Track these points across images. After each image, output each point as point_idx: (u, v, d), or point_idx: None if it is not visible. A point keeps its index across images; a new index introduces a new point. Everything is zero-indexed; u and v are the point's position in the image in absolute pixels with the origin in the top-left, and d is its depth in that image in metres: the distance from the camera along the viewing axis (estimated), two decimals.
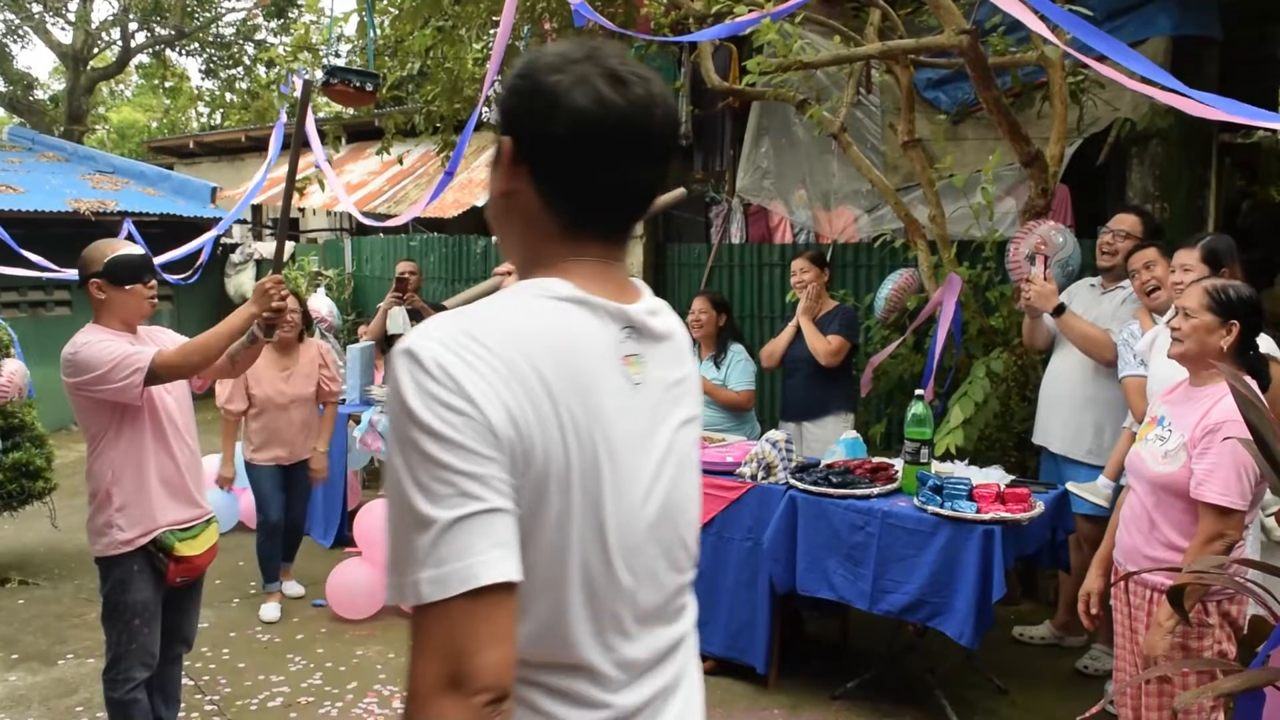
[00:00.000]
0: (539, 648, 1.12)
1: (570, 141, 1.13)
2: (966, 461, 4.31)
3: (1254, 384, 2.57)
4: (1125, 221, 4.31)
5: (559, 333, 1.10)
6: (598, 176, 1.15)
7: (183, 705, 3.69)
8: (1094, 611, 3.01)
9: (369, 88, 2.77)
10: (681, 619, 1.30)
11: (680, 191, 4.19)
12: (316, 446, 5.28)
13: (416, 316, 6.55)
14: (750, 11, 4.19)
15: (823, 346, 4.85)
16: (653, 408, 1.20)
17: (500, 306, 1.11)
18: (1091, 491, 4.00)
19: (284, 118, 6.91)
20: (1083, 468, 4.24)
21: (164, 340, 3.30)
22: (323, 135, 6.12)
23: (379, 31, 7.91)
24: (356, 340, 7.18)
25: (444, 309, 1.85)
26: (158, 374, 3.02)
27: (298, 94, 5.89)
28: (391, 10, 6.80)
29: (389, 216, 6.38)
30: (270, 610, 5.12)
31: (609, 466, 1.12)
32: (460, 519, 0.99)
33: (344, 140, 8.83)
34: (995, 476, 3.97)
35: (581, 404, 1.09)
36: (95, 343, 3.04)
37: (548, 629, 1.12)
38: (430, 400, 1.01)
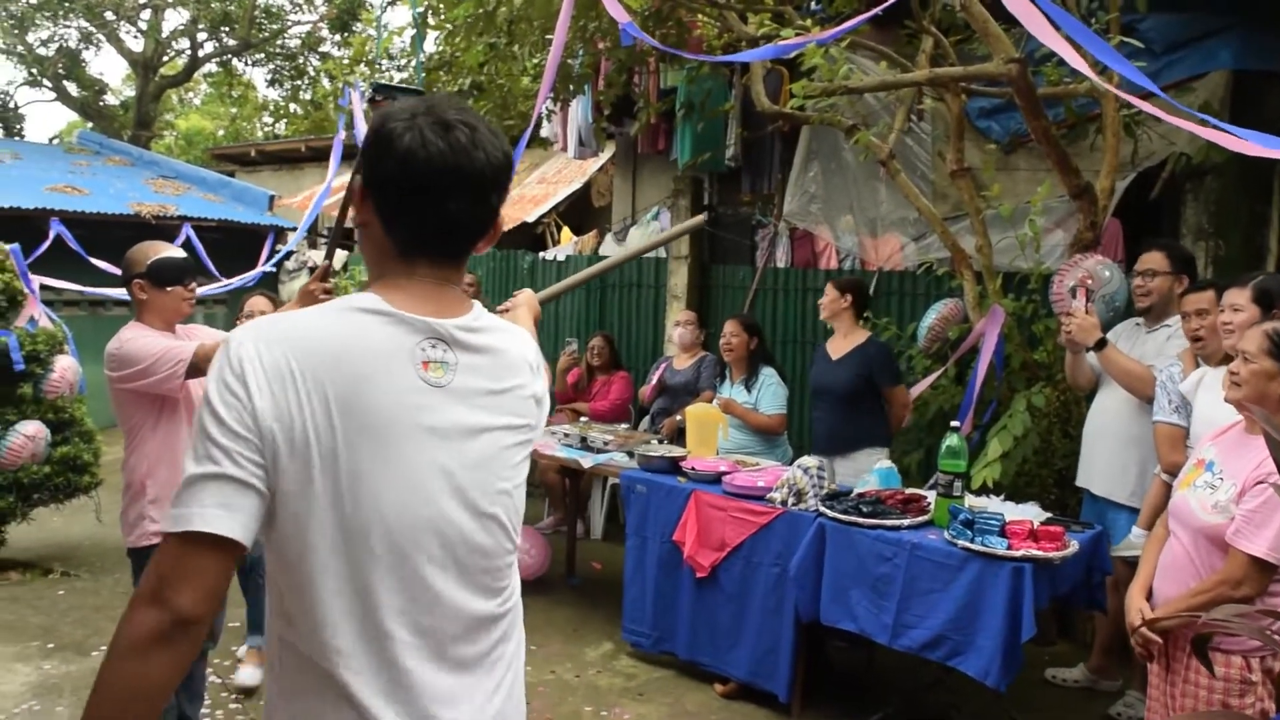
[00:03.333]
0: (328, 610, 1.31)
1: (398, 178, 1.34)
2: (1003, 497, 4.22)
3: None
4: (1151, 260, 4.21)
5: (342, 339, 1.31)
6: (422, 208, 1.36)
7: (207, 700, 3.73)
8: (1154, 647, 2.79)
9: None
10: (486, 603, 1.44)
11: (700, 219, 4.19)
12: None
13: None
14: (798, 35, 4.18)
15: (900, 401, 4.92)
16: (457, 408, 1.38)
17: (306, 315, 1.34)
18: (1129, 547, 3.90)
19: (343, 130, 7.02)
20: (1124, 510, 4.12)
21: (202, 336, 3.39)
22: (351, 150, 6.19)
23: (436, 47, 8.02)
24: None
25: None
26: (200, 367, 3.09)
27: (354, 107, 6.00)
28: (447, 26, 6.88)
29: None
30: (248, 675, 4.35)
31: (376, 451, 1.31)
32: (202, 476, 1.25)
33: None
34: (1030, 513, 3.88)
35: (352, 400, 1.29)
36: (140, 337, 3.15)
37: (339, 591, 1.31)
38: (221, 383, 1.27)
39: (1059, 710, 4.31)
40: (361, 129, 5.82)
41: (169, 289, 3.25)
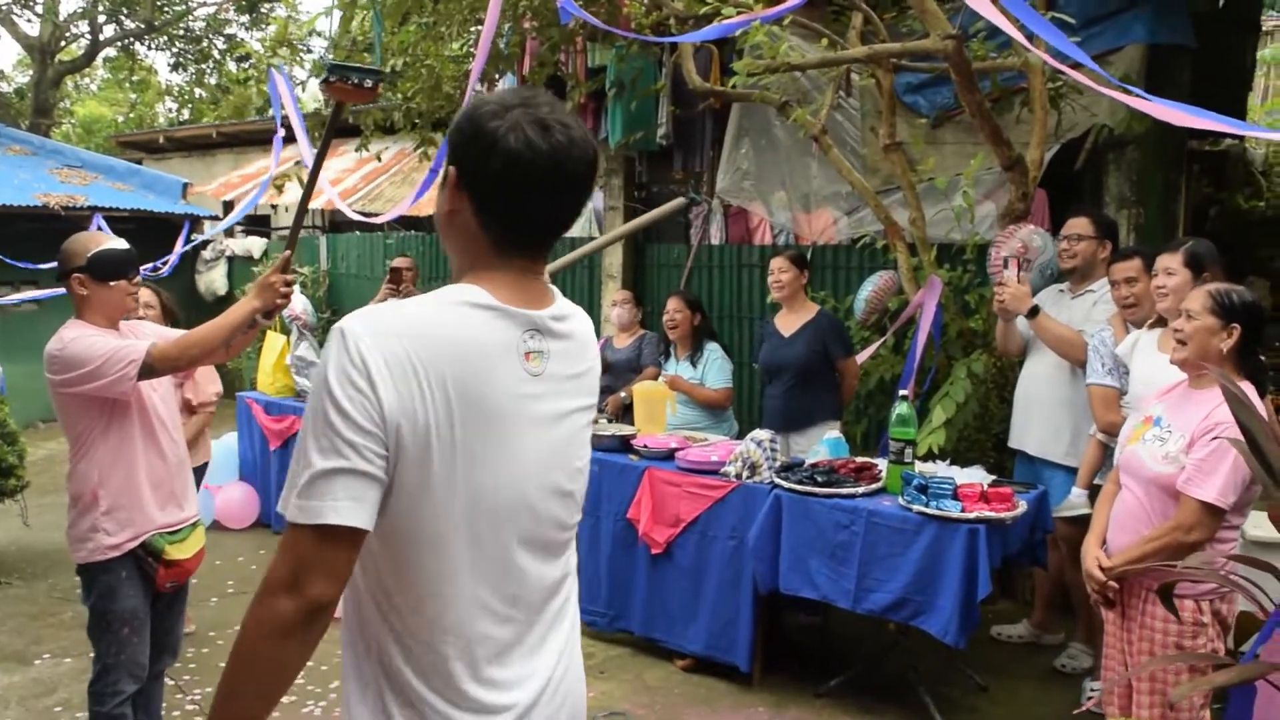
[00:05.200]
0: (428, 589, 1.38)
1: (502, 177, 1.39)
2: (948, 462, 4.36)
3: (1252, 388, 2.62)
4: (1077, 225, 4.38)
5: (458, 333, 1.36)
6: (523, 206, 1.41)
7: (164, 704, 3.65)
8: (1111, 593, 2.91)
9: (368, 83, 2.73)
10: (554, 568, 1.54)
11: (680, 201, 4.21)
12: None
13: None
14: (739, 14, 4.22)
15: (851, 372, 4.97)
16: (551, 395, 1.46)
17: (422, 308, 1.38)
18: (1070, 507, 4.06)
19: (280, 116, 6.85)
20: (1059, 470, 4.29)
21: (148, 333, 3.18)
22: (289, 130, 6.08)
23: (357, 28, 7.88)
24: None
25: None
26: (154, 367, 2.91)
27: (283, 92, 5.86)
28: (370, 7, 6.76)
29: (375, 214, 6.35)
30: None
31: (489, 439, 1.38)
32: (333, 470, 1.29)
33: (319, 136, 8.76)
34: (978, 476, 4.01)
35: (470, 392, 1.35)
36: (84, 338, 2.92)
37: (437, 572, 1.38)
38: (342, 376, 1.30)
39: (1008, 665, 4.47)
40: (293, 113, 5.70)
41: (112, 283, 3.02)
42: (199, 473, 4.90)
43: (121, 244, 3.12)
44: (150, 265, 8.49)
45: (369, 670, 1.42)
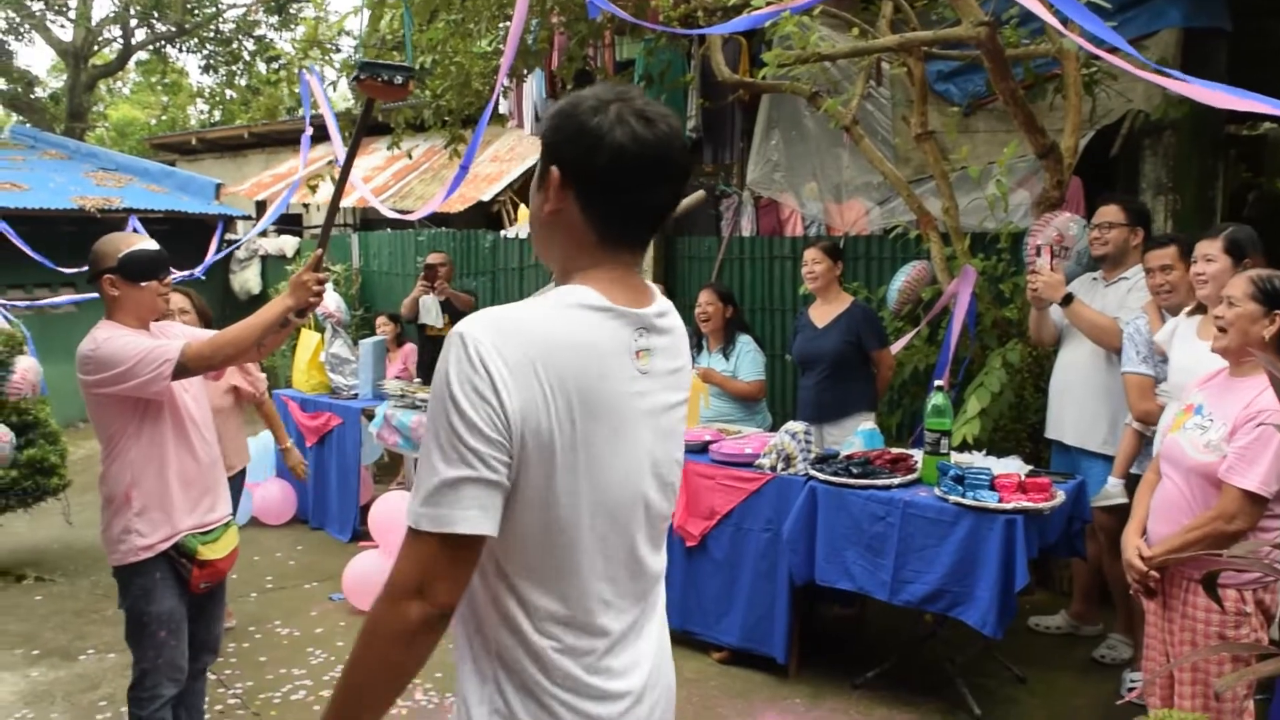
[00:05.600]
0: (552, 587, 1.40)
1: (610, 171, 1.40)
2: (984, 452, 4.32)
3: None
4: (1107, 213, 4.34)
5: (575, 336, 1.37)
6: (631, 198, 1.42)
7: (205, 698, 3.68)
8: (1152, 583, 2.89)
9: (398, 80, 2.74)
10: (660, 559, 1.58)
11: (700, 194, 4.21)
12: (283, 445, 5.13)
13: (448, 306, 6.59)
14: (768, 5, 4.20)
15: (886, 363, 4.95)
16: (656, 390, 1.48)
17: (538, 312, 1.38)
18: (1107, 497, 4.02)
19: (309, 118, 6.92)
20: (1097, 459, 4.25)
21: (179, 334, 3.17)
22: (320, 130, 6.12)
23: (386, 26, 7.91)
24: (368, 335, 7.19)
25: (473, 294, 1.92)
26: (188, 366, 2.90)
27: (316, 92, 5.91)
28: (400, 5, 6.79)
29: (409, 212, 6.39)
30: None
31: (608, 438, 1.39)
32: (459, 480, 1.30)
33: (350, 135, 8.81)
34: (1014, 467, 3.98)
35: (588, 392, 1.36)
36: (117, 338, 2.91)
37: (560, 570, 1.40)
38: (466, 384, 1.30)
39: (1046, 657, 4.44)
40: (333, 112, 5.74)
41: (143, 284, 2.99)
42: (239, 479, 5.01)
43: (152, 244, 3.11)
44: (185, 273, 8.57)
45: (487, 667, 1.43)
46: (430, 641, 1.34)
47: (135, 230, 8.87)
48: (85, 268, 3.12)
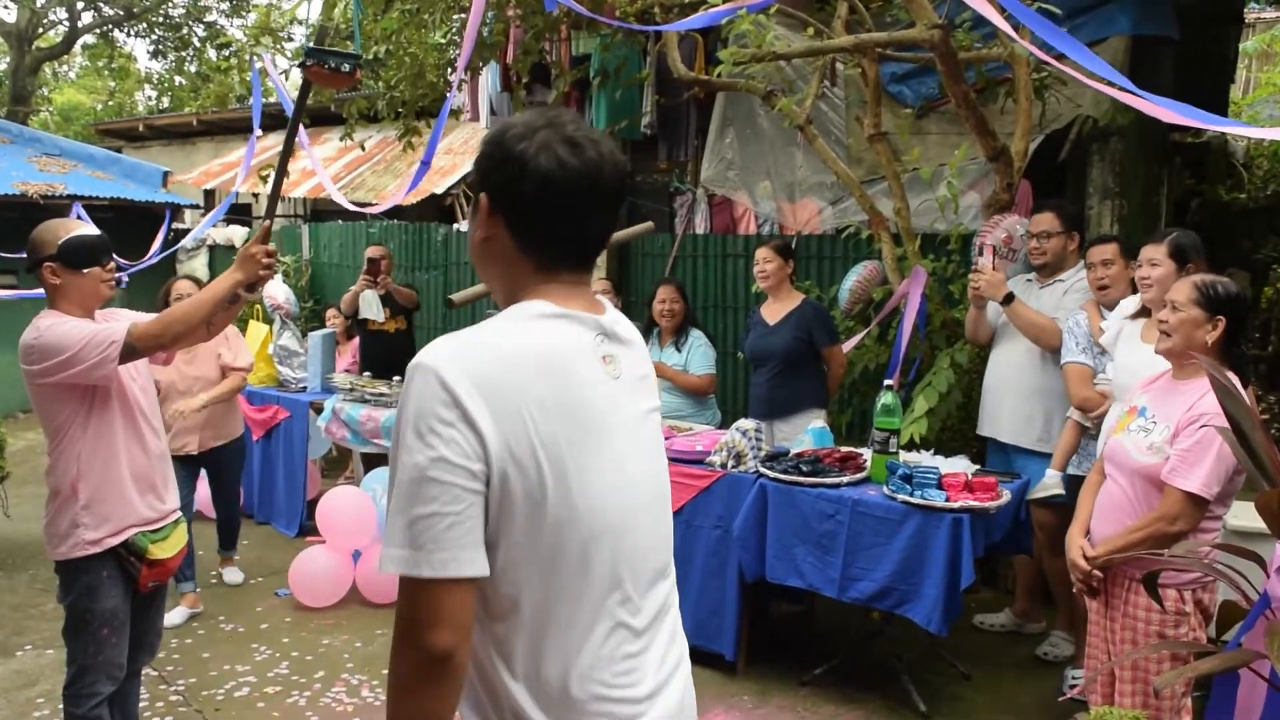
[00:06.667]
0: (537, 616, 1.33)
1: (535, 198, 1.37)
2: (932, 451, 4.37)
3: (1236, 379, 2.64)
4: (1044, 221, 4.42)
5: (545, 345, 1.34)
6: (560, 224, 1.40)
7: (147, 695, 3.62)
8: (1095, 582, 2.93)
9: (345, 68, 2.70)
10: (670, 562, 1.56)
11: (648, 225, 4.22)
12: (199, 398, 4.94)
13: (389, 300, 6.51)
14: (725, 2, 4.20)
15: (838, 361, 4.96)
16: (630, 396, 1.46)
17: (495, 329, 1.35)
18: (1044, 489, 4.08)
19: (259, 105, 6.81)
20: (1033, 456, 4.32)
21: (123, 319, 3.04)
22: (274, 119, 6.02)
23: (340, 15, 7.81)
24: (317, 327, 7.10)
25: (450, 303, 1.88)
26: (136, 347, 2.82)
27: (272, 76, 5.83)
28: None
29: (368, 205, 6.32)
30: (175, 615, 4.79)
31: (591, 444, 1.35)
32: (438, 516, 1.24)
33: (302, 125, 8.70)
34: (961, 466, 4.03)
35: (566, 401, 1.33)
36: (60, 325, 2.83)
37: (536, 591, 1.33)
38: (436, 419, 1.24)
39: (990, 654, 4.50)
40: (289, 100, 5.64)
41: (85, 270, 2.92)
42: (235, 449, 5.21)
43: (93, 230, 3.03)
44: (134, 265, 8.40)
45: (485, 698, 1.37)
46: (442, 688, 1.27)
47: (79, 217, 8.68)
48: (23, 255, 3.03)
